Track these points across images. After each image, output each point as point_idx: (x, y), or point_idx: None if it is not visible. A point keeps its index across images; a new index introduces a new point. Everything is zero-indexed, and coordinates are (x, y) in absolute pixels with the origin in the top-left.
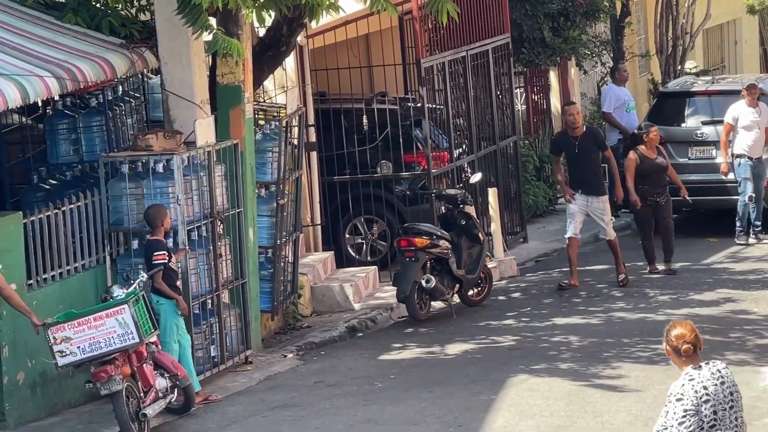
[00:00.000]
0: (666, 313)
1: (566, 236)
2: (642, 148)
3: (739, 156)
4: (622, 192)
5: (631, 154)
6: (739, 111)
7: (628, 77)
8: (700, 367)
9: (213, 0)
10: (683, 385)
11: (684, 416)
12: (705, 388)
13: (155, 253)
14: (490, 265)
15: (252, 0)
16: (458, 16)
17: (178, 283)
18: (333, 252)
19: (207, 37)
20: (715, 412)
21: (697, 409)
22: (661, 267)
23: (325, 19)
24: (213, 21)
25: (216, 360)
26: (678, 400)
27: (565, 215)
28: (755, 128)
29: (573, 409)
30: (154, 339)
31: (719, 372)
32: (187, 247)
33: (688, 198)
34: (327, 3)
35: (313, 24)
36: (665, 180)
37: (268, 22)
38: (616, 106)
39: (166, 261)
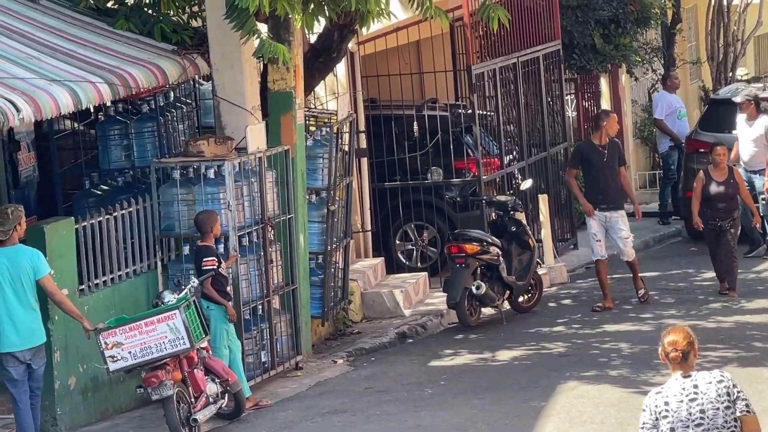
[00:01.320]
0: (716, 320)
1: (593, 258)
2: (711, 167)
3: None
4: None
5: (699, 174)
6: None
7: (679, 84)
8: (689, 376)
9: (260, 4)
10: (650, 396)
11: (642, 428)
12: (666, 403)
13: (204, 259)
14: (540, 271)
15: (301, 6)
16: (509, 22)
17: (228, 288)
18: (383, 258)
19: (256, 42)
20: (672, 430)
21: (654, 424)
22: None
23: (376, 25)
24: (265, 28)
25: (267, 365)
26: (643, 410)
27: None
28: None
29: (623, 416)
30: (204, 344)
31: (695, 387)
32: (238, 253)
33: (758, 227)
34: (377, 10)
35: (364, 30)
36: (733, 205)
37: (318, 28)
38: (668, 113)
39: (216, 267)
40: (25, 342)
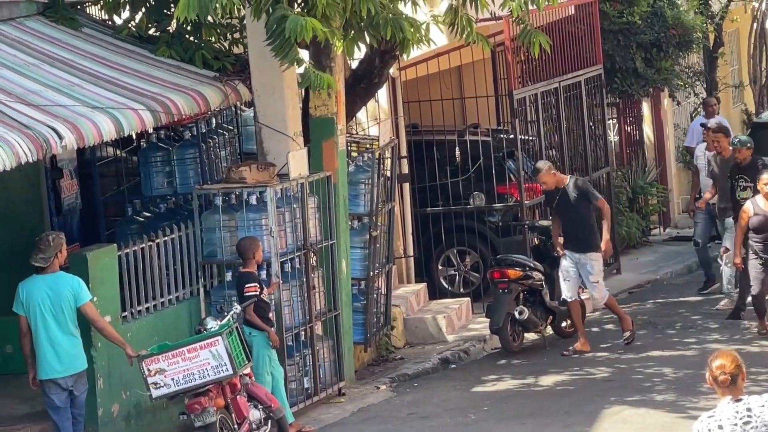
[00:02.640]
0: (760, 345)
1: (563, 297)
2: (759, 197)
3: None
4: (610, 247)
5: (746, 204)
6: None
7: (713, 111)
8: (740, 400)
9: (303, 33)
10: (701, 421)
11: None
12: (720, 427)
13: (246, 286)
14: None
15: (342, 32)
16: (550, 47)
17: (270, 315)
18: (426, 283)
19: (298, 69)
20: None
21: None
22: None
23: (417, 51)
24: (305, 53)
25: (309, 392)
26: None
27: (656, 248)
28: None
29: None
30: (247, 371)
31: (748, 411)
32: (280, 280)
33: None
34: (418, 37)
35: (405, 56)
36: None
37: (360, 54)
38: (700, 141)
39: (258, 294)
40: (67, 368)
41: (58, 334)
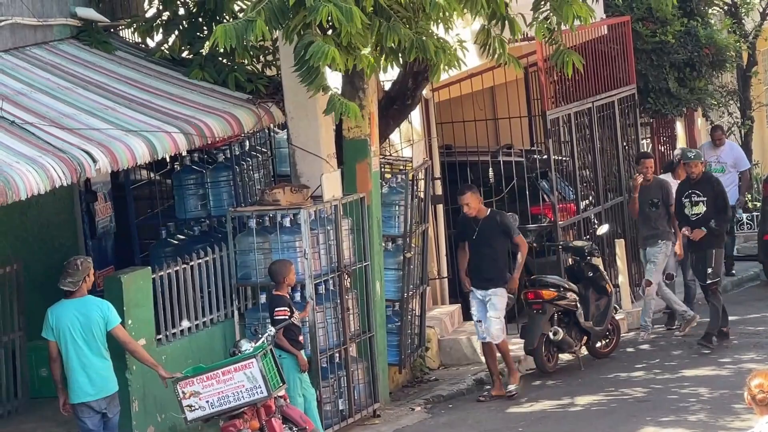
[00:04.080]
0: None
1: (478, 339)
2: None
3: None
4: (516, 285)
5: None
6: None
7: (720, 140)
8: None
9: (323, 59)
10: None
11: None
12: None
13: (276, 309)
14: (617, 316)
15: (371, 54)
16: (583, 68)
17: (300, 338)
18: (460, 304)
19: (324, 95)
20: None
21: None
22: None
23: (450, 72)
24: (338, 75)
25: (344, 413)
26: None
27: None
28: None
29: None
30: (282, 393)
31: None
32: (314, 302)
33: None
34: (447, 59)
35: (432, 81)
36: None
37: (393, 75)
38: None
39: (288, 317)
40: (99, 391)
41: (90, 357)
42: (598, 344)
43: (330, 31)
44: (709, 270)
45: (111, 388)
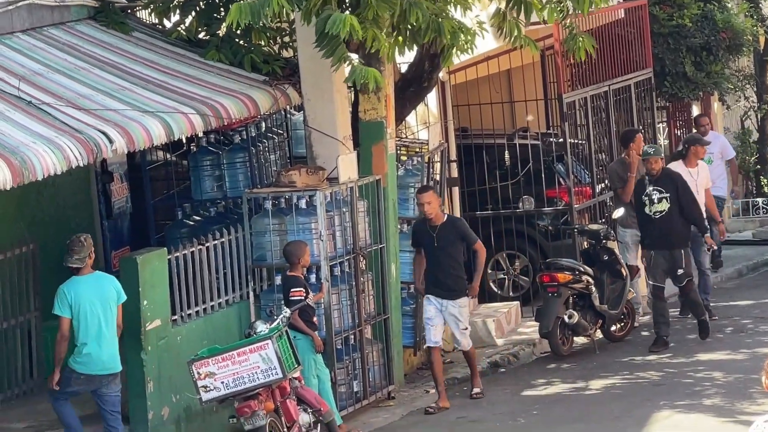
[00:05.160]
0: None
1: (427, 343)
2: None
3: None
4: (476, 293)
5: None
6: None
7: (706, 130)
8: None
9: (351, 31)
10: (756, 425)
11: None
12: None
13: (292, 290)
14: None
15: (387, 35)
16: (599, 51)
17: (315, 319)
18: None
19: (347, 69)
20: None
21: None
22: None
23: (463, 57)
24: (356, 58)
25: (359, 395)
26: None
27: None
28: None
29: None
30: (297, 374)
31: None
32: (328, 283)
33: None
34: (461, 43)
35: (455, 60)
36: None
37: (409, 57)
38: None
39: (304, 298)
40: (111, 367)
41: (106, 333)
42: (613, 328)
43: (348, 11)
44: (680, 271)
45: (118, 366)
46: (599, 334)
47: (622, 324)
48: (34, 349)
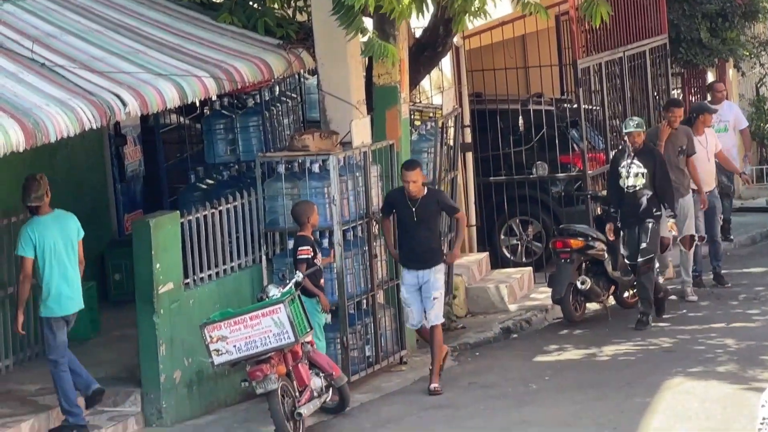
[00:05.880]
0: None
1: (409, 325)
2: None
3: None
4: (456, 259)
5: None
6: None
7: (722, 97)
8: None
9: (367, 2)
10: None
11: (761, 424)
12: None
13: (299, 248)
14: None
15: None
16: (615, 17)
17: (322, 281)
18: (488, 253)
19: (362, 38)
20: None
21: None
22: None
23: (478, 22)
24: (369, 22)
25: (371, 360)
26: (762, 406)
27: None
28: (704, 158)
29: (729, 413)
30: (309, 338)
31: None
32: (341, 248)
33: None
34: (473, 9)
35: (469, 25)
36: None
37: (424, 22)
38: None
39: (310, 257)
40: (77, 304)
41: (70, 271)
42: (626, 294)
43: None
44: (644, 245)
45: (82, 303)
46: (612, 301)
47: (635, 291)
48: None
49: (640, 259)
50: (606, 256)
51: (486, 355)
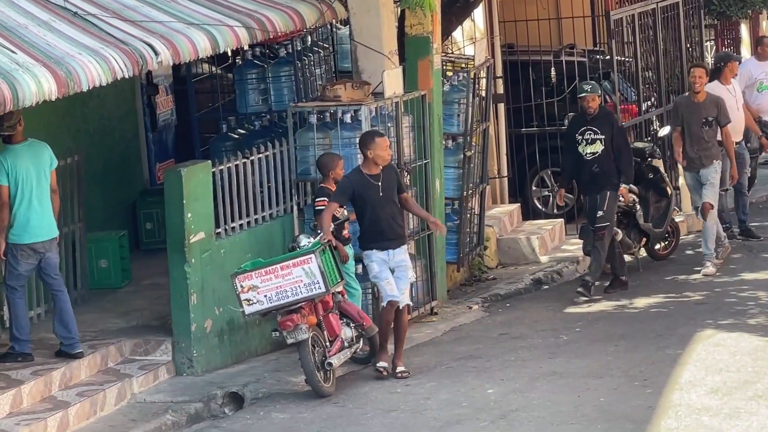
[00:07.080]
0: None
1: (390, 297)
2: None
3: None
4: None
5: None
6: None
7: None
8: None
9: None
10: None
11: None
12: None
13: (317, 200)
14: (677, 219)
15: None
16: None
17: (345, 232)
18: (519, 204)
19: None
20: None
21: None
22: None
23: None
24: None
25: None
26: None
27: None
28: (733, 107)
29: (760, 365)
30: (340, 289)
31: None
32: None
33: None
34: None
35: None
36: None
37: None
38: (747, 85)
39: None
40: (49, 232)
41: (42, 199)
42: (657, 246)
43: None
44: (600, 213)
45: (55, 231)
46: (643, 253)
47: (667, 243)
48: (77, 260)
49: (597, 225)
50: (638, 207)
51: (516, 306)
